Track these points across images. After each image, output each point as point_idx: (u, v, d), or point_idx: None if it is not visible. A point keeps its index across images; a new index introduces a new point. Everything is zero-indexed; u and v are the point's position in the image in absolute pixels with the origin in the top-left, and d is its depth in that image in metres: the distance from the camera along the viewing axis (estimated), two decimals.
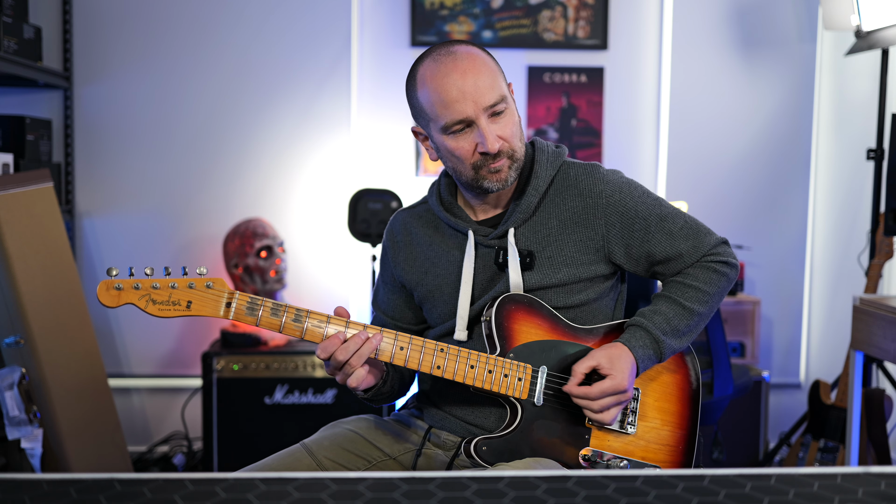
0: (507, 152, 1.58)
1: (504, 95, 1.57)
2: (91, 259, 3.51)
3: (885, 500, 0.90)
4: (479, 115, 1.55)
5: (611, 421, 1.56)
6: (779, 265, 3.69)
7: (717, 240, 1.68)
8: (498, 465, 1.55)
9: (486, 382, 1.56)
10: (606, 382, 1.53)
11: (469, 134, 1.57)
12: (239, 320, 1.48)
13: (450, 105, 1.55)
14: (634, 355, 1.57)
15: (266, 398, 3.19)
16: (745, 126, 3.66)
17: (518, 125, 1.61)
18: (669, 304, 1.63)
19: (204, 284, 1.46)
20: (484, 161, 1.57)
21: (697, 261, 1.66)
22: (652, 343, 1.59)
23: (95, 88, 3.48)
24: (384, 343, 1.54)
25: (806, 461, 3.10)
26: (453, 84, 1.55)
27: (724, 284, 1.67)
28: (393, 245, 1.76)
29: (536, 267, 1.62)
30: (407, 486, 0.93)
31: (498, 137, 1.56)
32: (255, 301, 1.48)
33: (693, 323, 1.64)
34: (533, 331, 1.60)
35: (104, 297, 1.43)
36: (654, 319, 1.61)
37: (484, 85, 1.55)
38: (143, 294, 1.44)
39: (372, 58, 3.55)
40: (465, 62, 1.56)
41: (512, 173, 1.60)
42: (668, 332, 1.61)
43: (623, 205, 1.63)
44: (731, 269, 1.68)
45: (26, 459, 2.67)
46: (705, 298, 1.64)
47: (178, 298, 1.45)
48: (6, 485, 0.92)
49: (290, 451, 1.63)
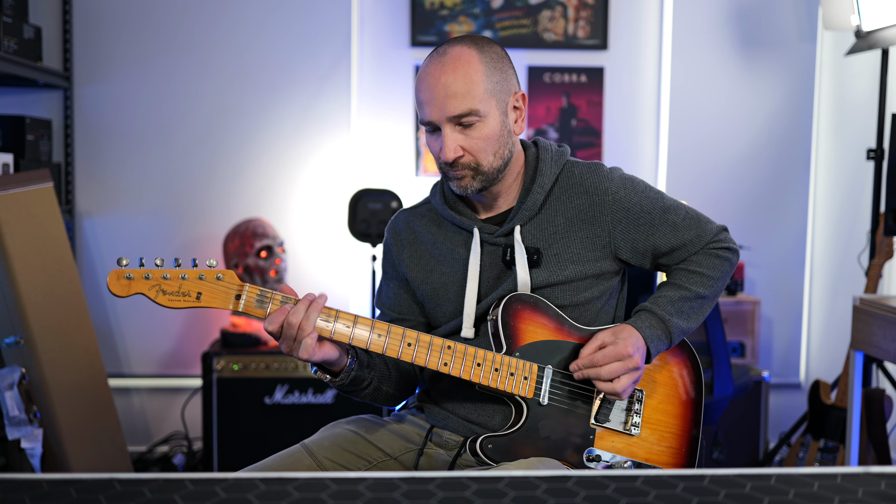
0: (468, 164, 1.57)
1: (475, 108, 1.54)
2: (91, 259, 3.51)
3: (885, 500, 0.90)
4: (442, 122, 1.55)
5: (623, 391, 1.54)
6: (779, 265, 3.69)
7: (717, 227, 1.71)
8: (502, 464, 1.55)
9: (493, 381, 1.56)
10: (609, 348, 1.54)
11: (438, 136, 1.59)
12: (249, 313, 1.47)
13: (421, 105, 1.58)
14: (642, 334, 1.58)
15: (266, 398, 3.19)
16: (745, 126, 3.66)
17: (494, 139, 1.57)
18: (673, 289, 1.66)
19: (214, 276, 1.45)
20: (445, 166, 1.59)
21: (700, 249, 1.68)
22: (658, 323, 1.61)
23: (95, 88, 3.48)
24: (391, 340, 1.53)
25: (806, 461, 3.10)
26: (428, 86, 1.56)
27: (727, 268, 1.70)
28: (397, 243, 1.76)
29: (543, 264, 1.63)
30: (407, 486, 0.93)
31: (459, 148, 1.55)
32: (264, 294, 1.48)
33: (697, 305, 1.66)
34: (539, 330, 1.60)
35: (115, 287, 1.42)
36: (659, 302, 1.64)
37: (453, 93, 1.53)
38: (154, 284, 1.43)
39: (372, 58, 3.55)
40: (446, 66, 1.55)
41: (475, 184, 1.59)
42: (672, 312, 1.62)
43: (628, 201, 1.64)
44: (732, 255, 1.71)
45: (26, 459, 2.67)
46: (709, 283, 1.67)
47: (189, 289, 1.44)
48: (6, 485, 0.92)
49: (290, 451, 1.63)
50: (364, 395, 1.66)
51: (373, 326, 1.52)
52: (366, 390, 1.65)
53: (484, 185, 1.60)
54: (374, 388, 1.66)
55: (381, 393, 1.69)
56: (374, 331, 1.52)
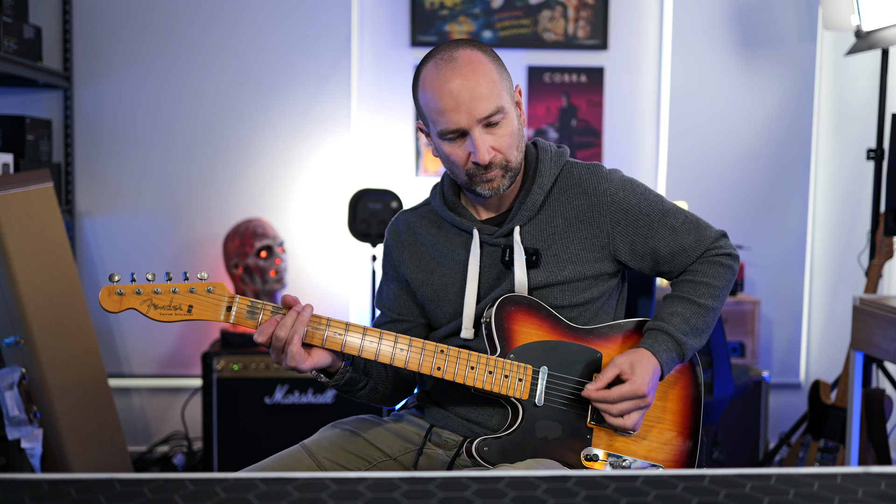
0: (500, 163, 1.58)
1: (501, 106, 1.56)
2: (91, 259, 3.51)
3: (885, 500, 0.90)
4: (472, 126, 1.54)
5: (633, 426, 1.57)
6: (779, 265, 3.69)
7: (717, 233, 1.71)
8: (500, 465, 1.55)
9: (487, 383, 1.56)
10: (625, 386, 1.53)
11: (463, 142, 1.57)
12: (240, 324, 1.50)
13: (445, 113, 1.55)
14: (658, 360, 1.58)
15: (266, 398, 3.19)
16: (745, 126, 3.66)
17: (516, 134, 1.60)
18: (685, 304, 1.65)
19: (205, 289, 1.48)
20: (476, 170, 1.58)
21: (701, 255, 1.68)
22: (674, 346, 1.60)
23: (95, 88, 3.48)
24: (384, 345, 1.54)
25: (806, 461, 3.10)
26: (449, 93, 1.54)
27: (729, 276, 1.70)
28: (397, 244, 1.76)
29: (542, 265, 1.63)
30: (407, 486, 0.93)
31: (491, 149, 1.56)
32: (255, 305, 1.50)
33: (709, 319, 1.66)
34: (533, 331, 1.60)
35: (106, 303, 1.45)
36: (673, 321, 1.62)
37: (480, 95, 1.53)
38: (145, 299, 1.46)
39: (372, 58, 3.55)
40: (464, 70, 1.54)
41: (505, 182, 1.60)
42: (687, 332, 1.62)
43: (627, 202, 1.64)
44: (734, 261, 1.71)
45: (26, 459, 2.67)
46: (716, 293, 1.67)
47: (180, 303, 1.47)
48: (6, 485, 0.92)
49: (289, 451, 1.64)
50: (360, 395, 1.68)
51: (364, 333, 1.53)
52: (362, 391, 1.67)
53: (511, 181, 1.61)
54: (370, 389, 1.68)
55: (377, 393, 1.70)
56: (366, 337, 1.53)
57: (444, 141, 1.58)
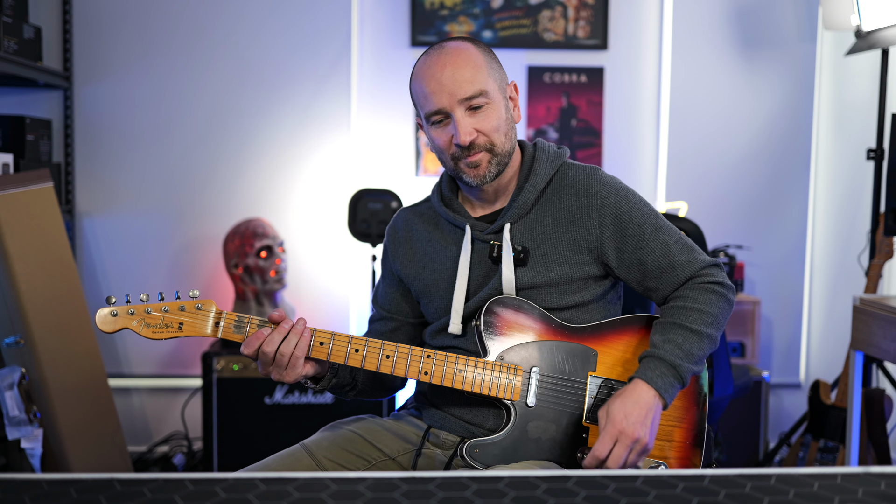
0: (484, 145, 1.59)
1: (484, 90, 1.58)
2: (91, 259, 3.51)
3: (885, 500, 0.90)
4: (454, 107, 1.58)
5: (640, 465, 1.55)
6: (779, 265, 3.69)
7: (710, 260, 1.66)
8: (495, 466, 1.56)
9: (476, 386, 1.57)
10: (616, 450, 1.49)
11: (447, 125, 1.60)
12: (227, 338, 1.56)
13: (428, 96, 1.59)
14: (654, 387, 1.53)
15: (266, 398, 3.19)
16: (745, 126, 3.66)
17: (503, 123, 1.61)
18: (676, 330, 1.58)
19: (194, 306, 1.55)
20: (460, 153, 1.60)
21: (690, 278, 1.63)
22: (670, 369, 1.55)
23: (95, 88, 3.48)
24: (369, 354, 1.57)
25: (806, 461, 3.10)
26: (433, 76, 1.59)
27: (724, 306, 1.63)
28: (393, 241, 1.79)
29: (530, 264, 1.63)
30: (407, 486, 0.93)
31: (474, 130, 1.58)
32: (241, 319, 1.56)
33: (705, 345, 1.59)
34: (524, 332, 1.61)
35: (102, 324, 1.53)
36: (666, 347, 1.56)
37: (462, 78, 1.57)
38: (138, 319, 1.53)
39: (372, 58, 3.55)
40: (449, 56, 1.59)
41: (492, 168, 1.61)
42: (682, 356, 1.56)
43: (618, 207, 1.64)
44: (727, 291, 1.65)
45: (26, 459, 2.68)
46: (709, 320, 1.60)
47: (171, 321, 1.54)
48: (6, 485, 0.92)
49: (289, 451, 1.64)
50: (350, 395, 1.74)
51: (350, 341, 1.57)
52: (350, 393, 1.73)
53: (499, 169, 1.62)
54: (359, 391, 1.74)
55: (366, 394, 1.77)
56: (351, 345, 1.57)
57: (431, 127, 1.62)
